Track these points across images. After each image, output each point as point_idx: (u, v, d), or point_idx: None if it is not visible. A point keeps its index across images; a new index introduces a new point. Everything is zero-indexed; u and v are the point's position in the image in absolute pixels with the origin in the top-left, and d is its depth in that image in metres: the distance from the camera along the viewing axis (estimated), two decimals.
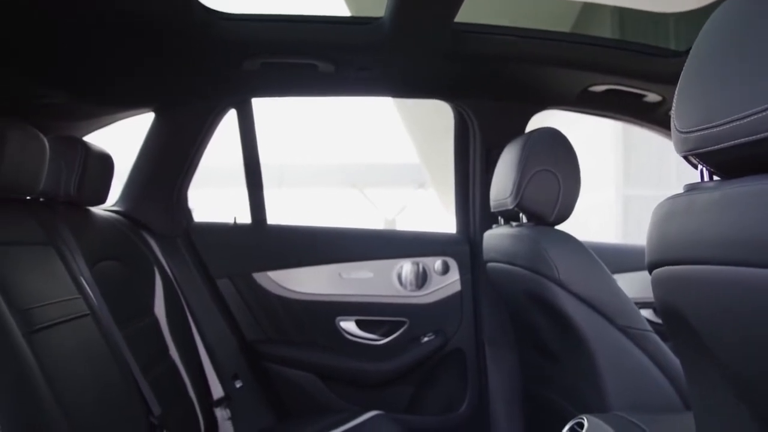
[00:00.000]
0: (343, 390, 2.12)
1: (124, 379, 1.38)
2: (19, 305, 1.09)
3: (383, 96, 2.16)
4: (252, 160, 2.15)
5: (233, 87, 2.00)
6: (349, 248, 2.16)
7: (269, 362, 2.09)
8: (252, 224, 2.18)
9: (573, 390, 1.59)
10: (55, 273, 1.31)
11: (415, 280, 2.14)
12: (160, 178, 2.11)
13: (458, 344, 2.15)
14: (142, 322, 1.68)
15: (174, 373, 1.74)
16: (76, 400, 1.14)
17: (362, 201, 16.22)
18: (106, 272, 1.56)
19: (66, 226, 1.47)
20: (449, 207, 13.42)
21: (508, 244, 1.67)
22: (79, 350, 1.26)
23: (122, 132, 2.29)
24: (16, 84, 1.71)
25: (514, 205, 1.58)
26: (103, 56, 1.64)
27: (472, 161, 2.14)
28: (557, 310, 1.48)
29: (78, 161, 1.54)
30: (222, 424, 1.94)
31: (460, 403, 2.14)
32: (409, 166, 14.50)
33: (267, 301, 2.12)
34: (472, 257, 2.15)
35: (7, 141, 1.13)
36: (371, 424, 1.80)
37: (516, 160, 1.58)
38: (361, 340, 2.13)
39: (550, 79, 1.90)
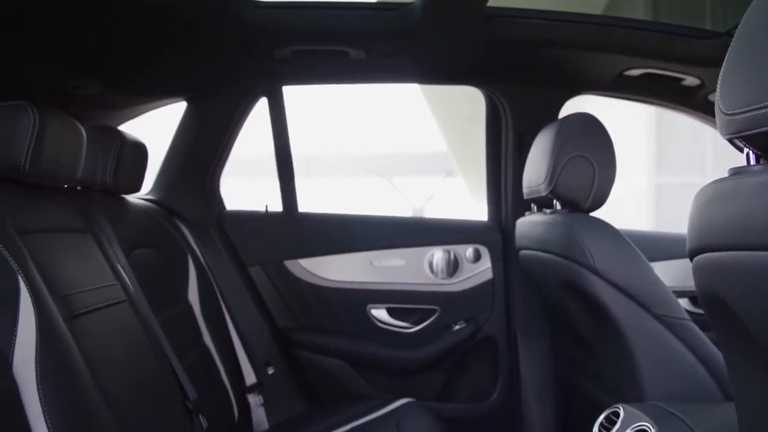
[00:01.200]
0: (374, 377, 2.12)
1: (160, 365, 1.41)
2: (59, 291, 1.11)
3: (414, 82, 2.15)
4: (283, 148, 2.16)
5: (264, 75, 2.01)
6: (381, 236, 2.16)
7: (301, 349, 2.11)
8: (283, 212, 2.19)
9: (607, 379, 1.57)
10: (93, 260, 1.33)
11: (447, 267, 2.14)
12: (192, 167, 2.13)
13: (490, 332, 2.14)
14: (177, 309, 1.70)
15: (208, 359, 1.76)
16: (115, 384, 1.16)
17: (390, 190, 16.22)
18: (141, 259, 1.59)
19: (102, 213, 1.50)
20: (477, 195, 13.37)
21: (541, 232, 1.65)
22: (117, 335, 1.29)
23: (155, 121, 2.32)
24: (53, 74, 1.74)
25: (547, 191, 1.56)
26: (137, 46, 1.66)
27: (504, 148, 2.11)
28: (592, 298, 1.46)
29: (114, 150, 1.56)
30: (255, 409, 1.97)
31: (491, 391, 2.13)
32: (437, 155, 14.45)
33: (298, 289, 2.13)
34: (504, 245, 2.13)
35: (46, 130, 1.15)
36: (402, 412, 1.80)
37: (550, 145, 1.56)
38: (392, 327, 2.14)
39: (584, 63, 1.86)
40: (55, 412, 0.91)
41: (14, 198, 1.13)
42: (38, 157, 1.14)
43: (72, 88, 1.83)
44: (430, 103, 9.36)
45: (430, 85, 7.60)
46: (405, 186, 16.23)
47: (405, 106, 19.70)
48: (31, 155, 1.13)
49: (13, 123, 1.13)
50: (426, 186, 16.15)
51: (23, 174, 1.13)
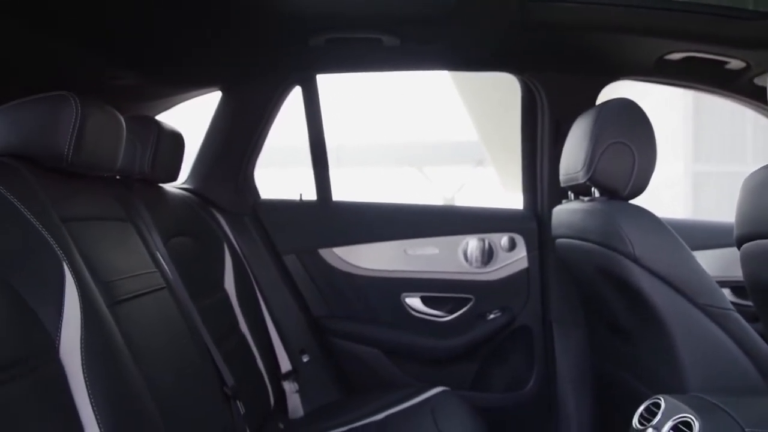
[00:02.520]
0: (408, 366, 2.13)
1: (199, 351, 1.43)
2: (102, 277, 1.13)
3: (448, 70, 2.14)
4: (317, 137, 2.16)
5: (298, 64, 2.01)
6: (415, 224, 2.16)
7: (335, 337, 2.12)
8: (318, 201, 2.20)
9: (647, 369, 1.55)
10: (133, 247, 1.36)
11: (481, 256, 2.12)
12: (227, 157, 2.15)
13: (525, 322, 2.12)
14: (214, 297, 1.72)
15: (244, 346, 1.78)
16: (156, 369, 1.18)
17: (420, 180, 16.18)
18: (178, 248, 1.61)
19: (141, 202, 1.52)
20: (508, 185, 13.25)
21: (579, 219, 1.63)
22: (157, 322, 1.31)
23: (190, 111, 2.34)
24: (91, 66, 1.77)
25: (585, 179, 1.53)
26: (173, 36, 1.67)
27: (540, 135, 2.08)
28: (632, 287, 1.43)
29: (152, 140, 1.58)
30: (290, 396, 1.99)
31: (526, 381, 2.11)
32: (468, 144, 14.34)
33: (333, 277, 2.14)
34: (540, 233, 2.11)
35: (88, 120, 1.16)
36: (437, 400, 1.80)
37: (588, 132, 1.53)
38: (427, 316, 2.13)
39: (624, 48, 1.81)
40: (99, 394, 0.93)
41: (58, 187, 1.15)
42: (80, 146, 1.16)
43: (110, 78, 1.86)
44: (461, 91, 9.27)
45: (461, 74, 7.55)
46: (435, 175, 16.16)
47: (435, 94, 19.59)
48: (74, 145, 1.15)
49: (56, 113, 1.15)
50: (456, 175, 16.06)
51: (66, 163, 1.15)
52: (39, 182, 1.07)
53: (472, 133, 12.02)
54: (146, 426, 1.03)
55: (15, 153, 1.14)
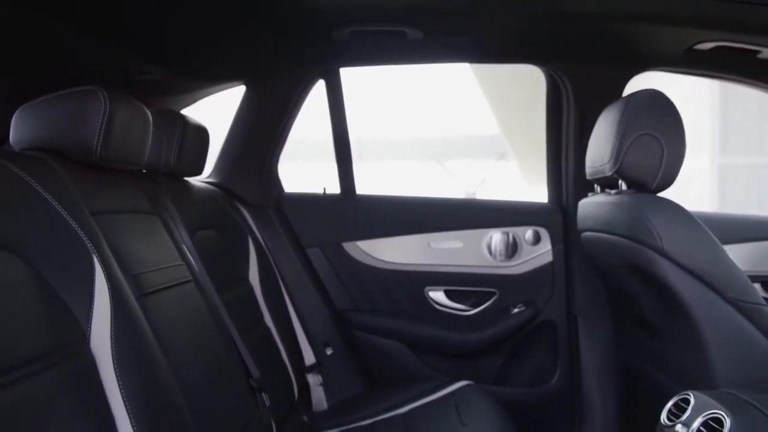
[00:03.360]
0: (432, 360, 2.12)
1: (225, 343, 1.44)
2: (130, 270, 1.15)
3: (472, 62, 2.12)
4: (340, 131, 2.17)
5: (322, 57, 2.01)
6: (438, 218, 2.15)
7: (359, 331, 2.13)
8: (341, 194, 2.20)
9: (674, 364, 1.53)
10: (160, 241, 1.37)
11: (505, 250, 2.11)
12: (251, 150, 2.16)
13: (549, 316, 2.11)
14: (239, 290, 1.73)
15: (269, 339, 1.79)
16: (183, 360, 1.19)
17: (442, 174, 16.12)
18: (204, 241, 1.62)
19: (167, 196, 1.53)
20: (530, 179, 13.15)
21: (606, 212, 1.61)
22: (184, 314, 1.32)
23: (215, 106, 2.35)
24: (117, 61, 1.79)
25: (612, 171, 1.51)
26: (197, 31, 1.68)
27: (565, 127, 2.06)
28: (660, 281, 1.41)
29: (177, 134, 1.59)
30: (314, 389, 2.00)
31: (550, 375, 2.10)
32: (489, 138, 14.26)
33: (356, 271, 2.14)
34: (565, 227, 2.09)
35: (116, 114, 1.17)
36: (461, 394, 1.79)
37: (615, 124, 1.51)
38: (450, 310, 2.13)
39: (651, 38, 1.78)
40: (129, 384, 0.94)
41: (87, 180, 1.17)
42: (108, 140, 1.17)
43: (135, 73, 1.88)
44: (483, 85, 9.22)
45: (483, 67, 7.50)
46: (457, 170, 16.09)
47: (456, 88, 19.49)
48: (102, 138, 1.16)
49: (85, 107, 1.16)
50: (478, 169, 15.97)
51: (95, 157, 1.16)
52: (69, 176, 1.08)
53: (494, 127, 11.96)
54: (174, 416, 1.04)
55: (45, 147, 1.16)
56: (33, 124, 1.18)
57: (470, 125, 16.73)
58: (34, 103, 1.19)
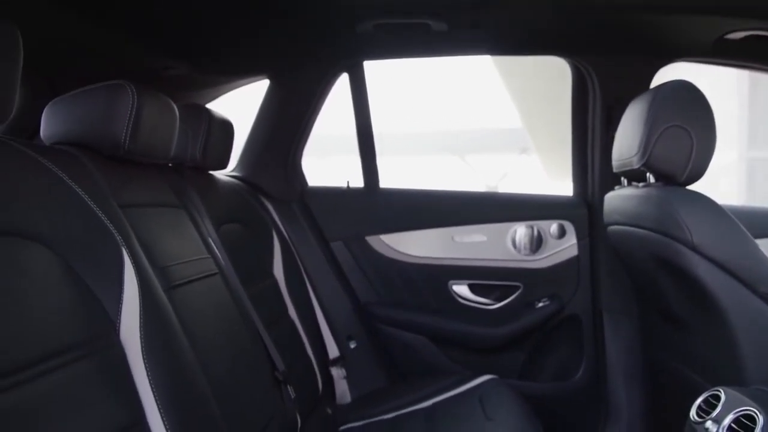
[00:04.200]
0: (456, 354, 2.12)
1: (251, 336, 1.45)
2: (158, 263, 1.16)
3: (497, 54, 2.10)
4: (364, 124, 2.16)
5: (346, 51, 2.01)
6: (462, 211, 2.14)
7: (382, 324, 2.13)
8: (365, 188, 2.20)
9: (704, 360, 1.50)
10: (187, 234, 1.38)
11: (530, 244, 2.09)
12: (275, 144, 2.17)
13: (574, 310, 2.09)
14: (264, 283, 1.74)
15: (293, 332, 1.80)
16: (210, 352, 1.20)
17: (463, 168, 16.06)
18: (229, 234, 1.63)
19: (193, 189, 1.54)
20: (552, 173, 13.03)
21: (633, 206, 1.58)
22: (210, 307, 1.33)
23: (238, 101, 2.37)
24: (143, 56, 1.80)
25: (640, 164, 1.49)
26: (222, 25, 1.69)
27: (591, 119, 2.03)
28: (689, 276, 1.39)
29: (203, 128, 1.60)
30: (338, 382, 2.00)
31: (575, 370, 2.08)
32: (511, 131, 14.16)
33: (380, 264, 2.14)
34: (591, 220, 2.07)
35: (144, 108, 1.19)
36: (485, 388, 1.78)
37: (644, 115, 1.48)
38: (474, 304, 2.12)
39: (681, 27, 1.75)
40: (158, 375, 0.95)
41: (115, 174, 1.18)
42: (136, 134, 1.18)
43: (161, 68, 1.89)
44: (505, 78, 9.14)
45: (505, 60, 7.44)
46: (478, 164, 16.01)
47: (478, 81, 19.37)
48: (130, 132, 1.17)
49: (113, 102, 1.17)
50: (500, 163, 15.88)
51: (123, 151, 1.18)
52: (98, 170, 1.09)
53: (516, 121, 11.86)
54: (201, 407, 1.05)
55: (75, 141, 1.17)
56: (63, 119, 1.19)
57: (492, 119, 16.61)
58: (64, 98, 1.21)
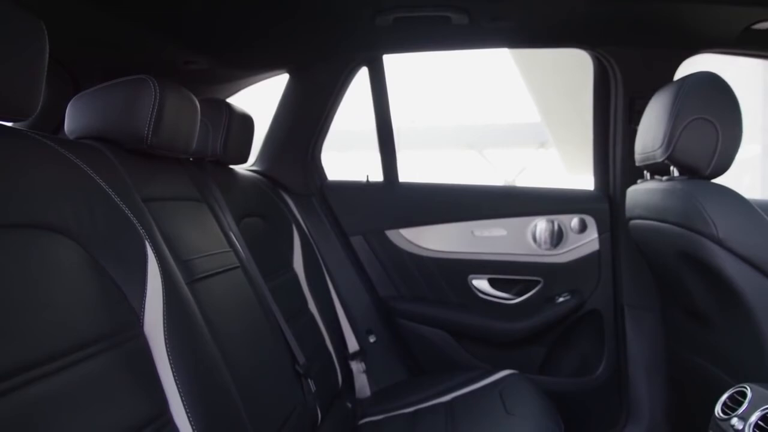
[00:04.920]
0: (475, 348, 2.11)
1: (272, 329, 1.45)
2: (181, 256, 1.17)
3: (518, 47, 2.07)
4: (383, 118, 2.16)
5: (365, 44, 2.00)
6: (482, 206, 2.13)
7: (402, 318, 2.12)
8: (384, 182, 2.20)
9: (728, 356, 1.48)
10: (208, 227, 1.39)
11: (550, 238, 2.08)
12: (295, 139, 2.17)
13: (595, 305, 2.07)
14: (284, 277, 1.74)
15: (313, 326, 1.81)
16: (232, 345, 1.20)
17: (480, 162, 15.97)
18: (250, 228, 1.64)
19: (214, 183, 1.55)
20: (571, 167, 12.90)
21: (657, 199, 1.56)
22: (232, 300, 1.33)
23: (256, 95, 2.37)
24: (165, 51, 1.81)
25: (664, 157, 1.47)
26: (242, 19, 1.69)
27: (613, 112, 2.01)
28: (714, 271, 1.37)
29: (223, 122, 1.61)
30: (357, 376, 2.01)
31: (596, 366, 2.07)
32: (530, 126, 14.04)
33: (399, 259, 2.14)
34: (612, 215, 2.05)
35: (166, 102, 1.19)
36: (506, 383, 1.78)
37: (668, 108, 1.46)
38: (494, 298, 2.11)
39: (706, 18, 1.72)
40: (181, 367, 0.95)
41: (138, 168, 1.19)
42: (159, 128, 1.19)
43: (182, 63, 1.90)
44: (523, 72, 9.05)
45: (524, 53, 7.36)
46: (496, 158, 15.92)
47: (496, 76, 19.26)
48: (153, 126, 1.18)
49: (136, 96, 1.18)
50: (518, 158, 15.76)
51: (146, 145, 1.18)
52: (121, 163, 1.10)
53: (534, 115, 11.76)
54: (224, 398, 1.05)
55: (98, 135, 1.18)
56: (86, 113, 1.20)
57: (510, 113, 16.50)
58: (87, 93, 1.22)
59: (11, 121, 0.87)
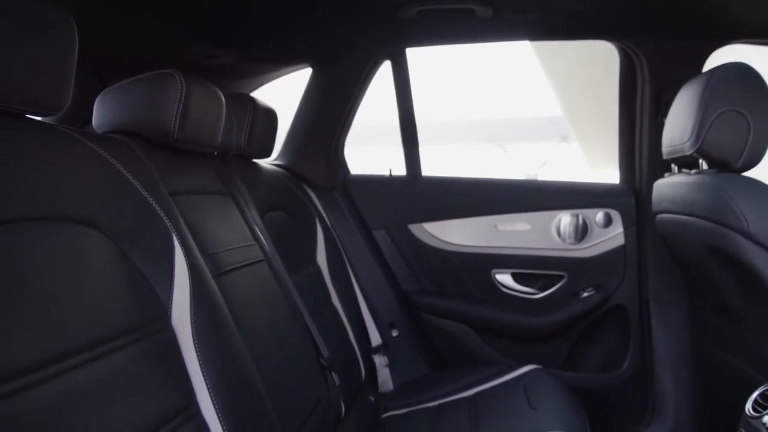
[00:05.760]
0: (498, 343, 2.10)
1: (296, 322, 1.46)
2: (207, 249, 1.17)
3: (542, 39, 2.05)
4: (406, 112, 2.15)
5: (389, 37, 1.99)
6: (506, 200, 2.11)
7: (424, 312, 2.12)
8: (407, 176, 2.19)
9: (758, 353, 1.45)
10: (233, 221, 1.39)
11: (575, 232, 2.06)
12: (318, 132, 2.17)
13: (620, 300, 2.05)
14: (308, 270, 1.75)
15: (336, 319, 1.81)
16: (258, 338, 1.21)
17: (501, 157, 15.88)
18: (274, 222, 1.64)
19: (239, 177, 1.56)
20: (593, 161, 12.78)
21: (685, 193, 1.54)
22: (257, 293, 1.34)
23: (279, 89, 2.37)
24: (189, 46, 1.82)
25: (693, 150, 1.44)
26: (265, 13, 1.69)
27: (640, 105, 1.98)
28: (744, 266, 1.34)
29: (248, 116, 1.61)
30: (380, 370, 2.01)
31: (620, 362, 2.05)
32: (551, 120, 13.92)
33: (422, 253, 2.14)
34: (638, 209, 2.02)
35: (192, 96, 1.20)
36: (529, 378, 1.77)
37: (697, 100, 1.43)
38: (517, 293, 2.10)
39: (738, 7, 1.67)
40: (208, 359, 0.96)
41: (164, 162, 1.20)
42: (185, 122, 1.20)
43: (205, 58, 1.91)
44: (545, 65, 8.97)
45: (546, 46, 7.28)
46: (517, 153, 15.81)
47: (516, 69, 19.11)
48: (179, 120, 1.19)
49: (163, 90, 1.19)
50: (539, 152, 15.64)
51: (172, 139, 1.19)
52: (148, 157, 1.11)
53: (556, 109, 11.64)
54: (250, 390, 1.06)
55: (125, 130, 1.19)
56: (114, 108, 1.21)
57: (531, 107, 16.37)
58: (115, 88, 1.23)
59: (42, 115, 0.88)
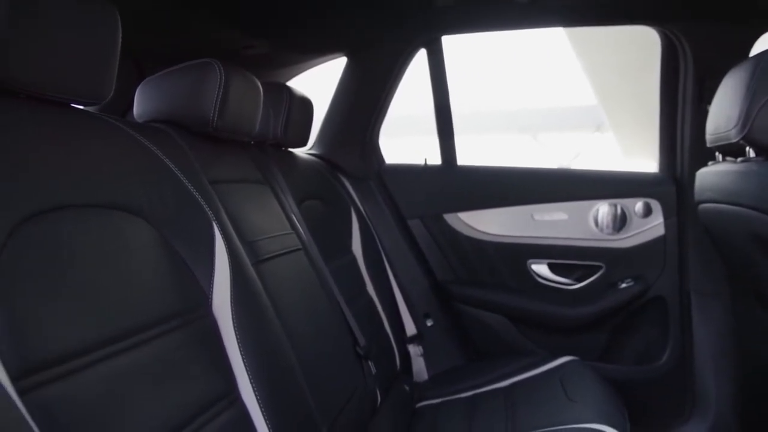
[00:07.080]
0: (534, 334, 2.08)
1: (333, 311, 1.46)
2: (246, 237, 1.18)
3: (582, 26, 2.00)
4: (442, 101, 2.14)
5: (425, 25, 1.97)
6: (542, 189, 2.09)
7: (460, 303, 2.11)
8: (442, 165, 2.18)
9: None
10: (271, 209, 1.40)
11: (613, 222, 2.02)
12: (353, 122, 2.17)
13: (659, 292, 2.00)
14: (344, 259, 1.76)
15: (372, 309, 1.81)
16: (295, 326, 1.22)
17: (534, 147, 15.70)
18: (310, 211, 1.65)
19: (276, 166, 1.57)
20: (629, 151, 12.54)
21: (730, 182, 1.49)
22: (295, 281, 1.35)
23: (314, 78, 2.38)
24: (225, 36, 1.83)
25: (739, 137, 1.40)
26: (301, 3, 1.69)
27: (682, 92, 1.93)
28: None
29: (284, 106, 1.62)
30: (415, 359, 2.01)
31: (659, 354, 2.01)
32: (584, 109, 13.70)
33: (457, 242, 2.12)
34: (679, 198, 1.97)
35: (231, 85, 1.21)
36: (566, 369, 1.74)
37: (744, 85, 1.38)
38: (554, 284, 2.07)
39: None
40: (248, 346, 0.97)
41: (204, 150, 1.21)
42: (224, 111, 1.21)
43: (242, 48, 1.92)
44: (579, 54, 8.81)
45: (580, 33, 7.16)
46: (551, 142, 15.61)
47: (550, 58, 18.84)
48: (218, 109, 1.20)
49: (202, 79, 1.20)
50: (573, 142, 15.41)
51: (211, 128, 1.20)
52: (189, 146, 1.12)
53: (590, 98, 11.45)
54: (289, 377, 1.07)
55: (165, 119, 1.21)
56: (154, 97, 1.23)
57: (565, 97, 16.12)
58: (155, 78, 1.25)
59: (86, 104, 0.90)
